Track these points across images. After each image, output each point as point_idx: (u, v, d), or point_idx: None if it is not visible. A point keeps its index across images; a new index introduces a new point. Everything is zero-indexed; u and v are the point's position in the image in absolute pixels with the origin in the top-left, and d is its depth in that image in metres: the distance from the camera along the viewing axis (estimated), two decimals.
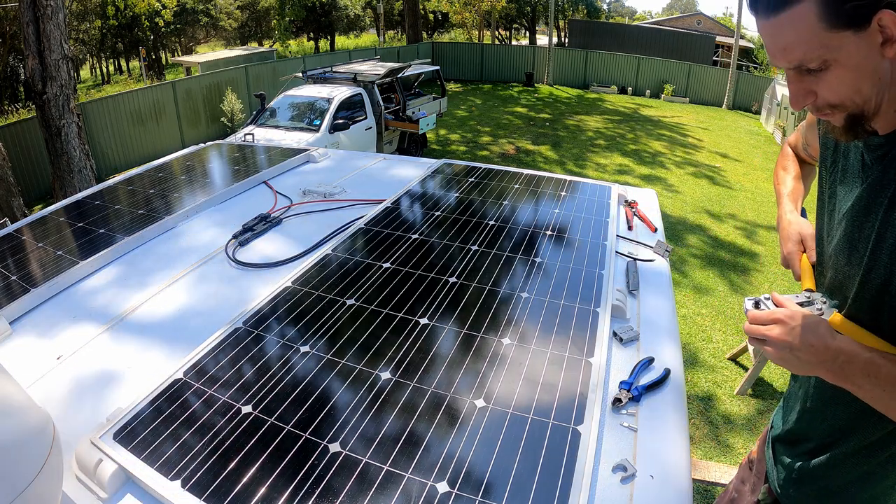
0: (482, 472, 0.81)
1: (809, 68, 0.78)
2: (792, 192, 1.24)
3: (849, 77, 0.77)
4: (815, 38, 0.74)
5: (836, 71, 0.76)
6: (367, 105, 8.41)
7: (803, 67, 0.78)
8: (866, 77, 0.76)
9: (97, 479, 0.82)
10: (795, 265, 1.10)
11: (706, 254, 6.23)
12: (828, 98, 0.80)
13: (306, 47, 33.93)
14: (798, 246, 1.12)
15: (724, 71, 17.41)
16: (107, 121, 9.57)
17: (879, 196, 0.83)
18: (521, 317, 1.18)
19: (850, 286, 0.89)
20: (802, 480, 1.06)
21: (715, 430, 3.43)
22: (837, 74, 0.77)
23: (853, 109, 0.80)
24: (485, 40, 26.05)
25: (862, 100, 0.79)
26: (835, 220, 0.96)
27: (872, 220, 0.84)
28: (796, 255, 1.11)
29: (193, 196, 1.95)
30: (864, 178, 0.87)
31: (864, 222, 0.86)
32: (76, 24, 21.34)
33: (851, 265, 0.89)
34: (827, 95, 0.80)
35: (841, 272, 0.92)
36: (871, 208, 0.85)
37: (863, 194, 0.87)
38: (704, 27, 31.47)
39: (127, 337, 1.21)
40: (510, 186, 1.97)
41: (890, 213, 0.81)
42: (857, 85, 0.77)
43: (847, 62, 0.75)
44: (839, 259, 0.93)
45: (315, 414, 0.91)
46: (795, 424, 1.10)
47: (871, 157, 0.86)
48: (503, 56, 20.24)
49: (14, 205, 6.42)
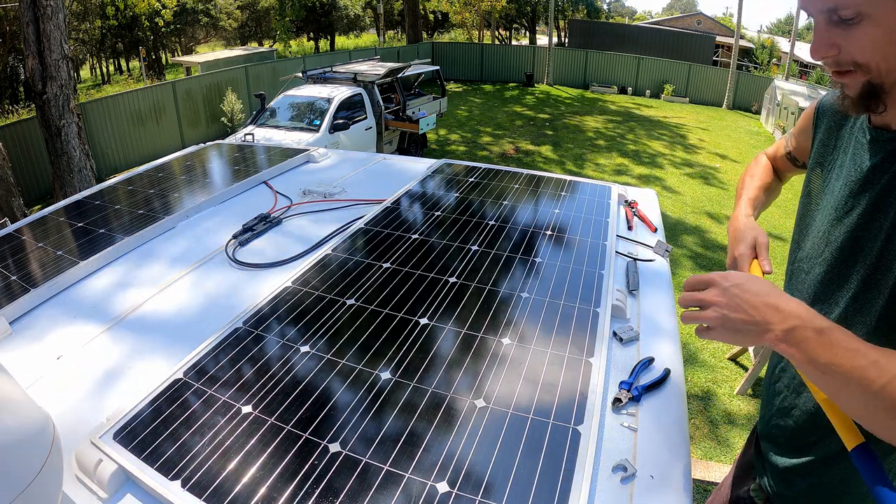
0: (482, 472, 0.81)
1: (842, 16, 0.72)
2: (753, 198, 1.20)
3: (881, 39, 0.71)
4: None
5: (868, 28, 0.71)
6: (367, 105, 8.41)
7: (836, 14, 0.72)
8: (894, 46, 0.71)
9: (97, 479, 0.82)
10: (744, 269, 1.05)
11: (706, 254, 6.23)
12: (854, 55, 0.74)
13: (306, 47, 33.93)
14: (750, 251, 1.07)
15: (724, 71, 17.42)
16: (107, 121, 9.57)
17: (890, 196, 0.80)
18: (521, 317, 1.18)
19: (848, 286, 0.88)
20: (791, 479, 1.06)
21: (715, 430, 3.43)
22: (869, 33, 0.71)
23: (875, 76, 0.75)
24: (485, 40, 26.05)
25: (886, 68, 0.74)
26: (827, 219, 0.94)
27: (881, 221, 0.82)
28: (747, 259, 1.05)
29: (193, 196, 1.95)
30: (874, 177, 0.84)
31: (871, 222, 0.84)
32: (76, 24, 21.33)
33: (853, 265, 0.87)
34: (854, 52, 0.74)
35: (837, 272, 0.91)
36: (881, 207, 0.82)
37: (872, 193, 0.84)
38: (704, 27, 31.48)
39: (127, 337, 1.21)
40: (510, 186, 1.97)
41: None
42: (884, 49, 0.72)
43: (883, 21, 0.70)
44: (836, 259, 0.91)
45: (315, 414, 0.91)
46: (774, 421, 1.10)
47: (881, 153, 0.83)
48: (503, 56, 20.24)
49: (14, 205, 6.42)
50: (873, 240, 0.83)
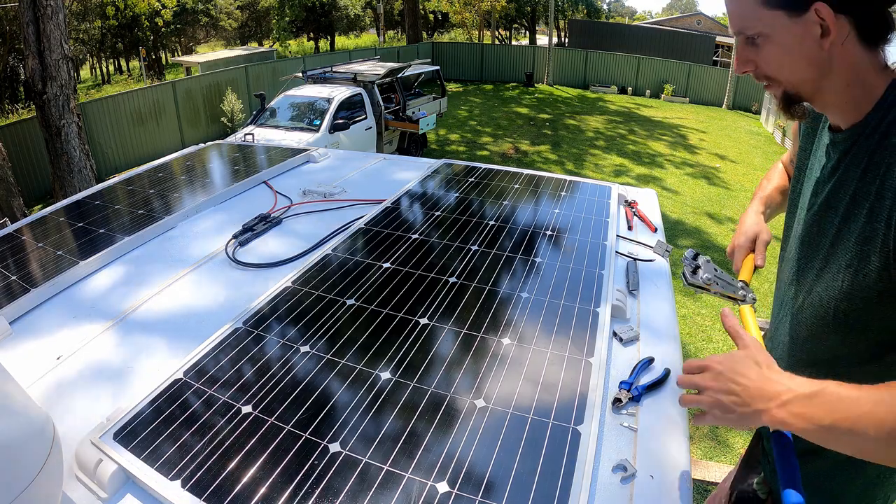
0: (482, 471, 0.81)
1: (748, 36, 0.83)
2: (767, 196, 1.29)
3: (782, 56, 0.82)
4: (753, 10, 0.81)
5: (771, 47, 0.82)
6: (367, 105, 8.41)
7: (744, 35, 0.84)
8: (800, 61, 0.81)
9: (97, 479, 0.82)
10: (739, 259, 1.16)
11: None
12: (764, 69, 0.86)
13: (306, 47, 33.92)
14: (749, 243, 1.17)
15: (724, 71, 17.42)
16: (107, 121, 9.57)
17: (839, 193, 0.86)
18: (521, 317, 1.18)
19: (806, 282, 0.93)
20: None
21: (715, 430, 3.43)
22: (772, 50, 0.82)
23: (788, 87, 0.85)
24: (485, 40, 26.05)
25: (797, 80, 0.84)
26: (799, 216, 0.99)
27: (832, 217, 0.87)
28: (743, 251, 1.17)
29: (193, 196, 1.95)
30: (829, 177, 0.90)
31: (823, 218, 0.90)
32: (76, 24, 21.34)
33: (810, 260, 0.92)
34: (763, 67, 0.85)
35: (800, 268, 0.96)
36: (831, 205, 0.88)
37: (824, 191, 0.90)
38: (704, 27, 31.46)
39: (127, 337, 1.21)
40: (510, 186, 1.97)
41: (850, 210, 0.83)
42: (790, 65, 0.82)
43: (781, 41, 0.80)
44: (799, 253, 0.96)
45: (315, 414, 0.91)
46: None
47: (835, 154, 0.89)
48: (503, 56, 20.24)
49: (14, 205, 6.42)
50: (824, 235, 0.89)
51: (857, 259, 0.81)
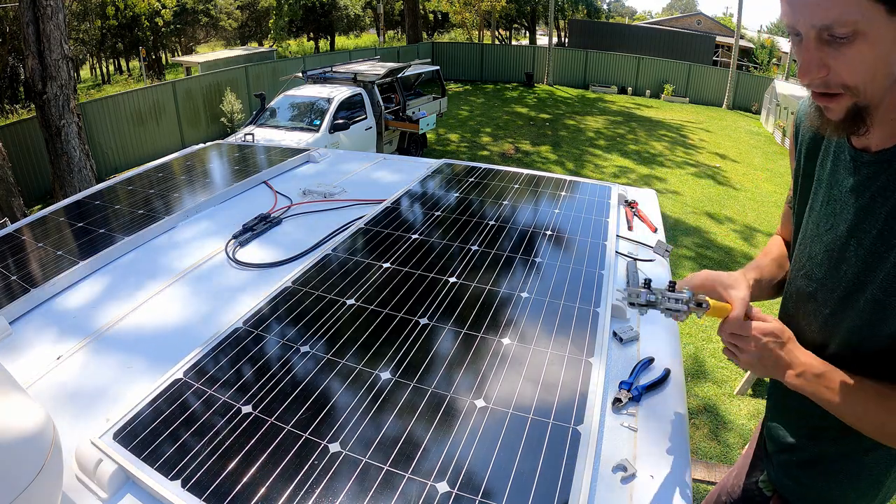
0: (482, 472, 0.81)
1: (836, 34, 0.69)
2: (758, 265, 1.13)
3: (871, 58, 0.69)
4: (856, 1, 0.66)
5: (861, 47, 0.69)
6: (367, 105, 8.41)
7: (831, 31, 0.69)
8: (884, 67, 0.70)
9: (97, 479, 0.82)
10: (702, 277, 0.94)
11: (706, 254, 6.23)
12: (844, 77, 0.72)
13: (306, 47, 33.93)
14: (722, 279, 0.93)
15: (724, 71, 17.42)
16: (107, 121, 9.56)
17: (864, 224, 0.81)
18: (521, 317, 1.18)
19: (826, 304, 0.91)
20: (795, 473, 1.06)
21: (715, 430, 3.43)
22: (861, 51, 0.69)
23: (862, 99, 0.73)
24: (485, 40, 26.05)
25: (873, 90, 0.72)
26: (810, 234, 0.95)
27: (855, 245, 0.83)
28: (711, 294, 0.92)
29: (193, 196, 1.95)
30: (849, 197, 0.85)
31: (847, 244, 0.85)
32: (76, 24, 21.35)
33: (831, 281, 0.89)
34: (844, 73, 0.72)
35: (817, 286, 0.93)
36: (854, 234, 0.84)
37: (845, 215, 0.85)
38: (704, 27, 31.48)
39: (127, 337, 1.21)
40: (510, 186, 1.97)
41: (877, 247, 0.79)
42: (874, 70, 0.70)
43: (875, 41, 0.68)
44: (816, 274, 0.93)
45: (315, 414, 0.91)
46: (776, 417, 1.11)
47: (859, 174, 0.83)
48: (503, 56, 20.23)
49: (14, 205, 6.42)
50: (848, 262, 0.85)
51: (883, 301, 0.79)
